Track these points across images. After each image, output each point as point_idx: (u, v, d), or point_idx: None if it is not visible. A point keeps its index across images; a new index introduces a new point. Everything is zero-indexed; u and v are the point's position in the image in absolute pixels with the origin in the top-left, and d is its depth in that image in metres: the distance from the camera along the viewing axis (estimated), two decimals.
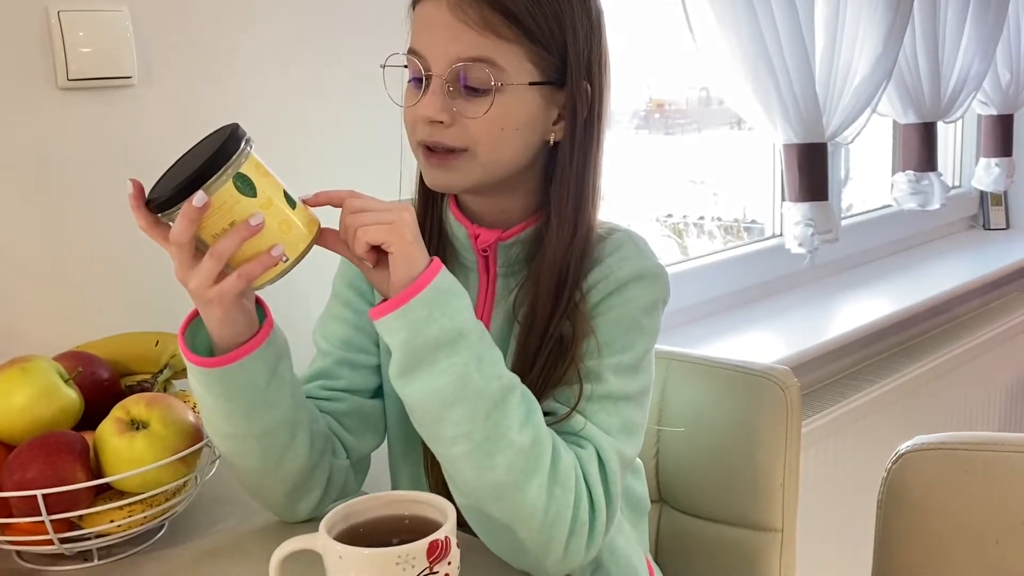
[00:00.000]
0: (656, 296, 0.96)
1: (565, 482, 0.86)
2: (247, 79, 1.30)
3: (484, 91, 0.90)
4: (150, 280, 1.24)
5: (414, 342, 0.82)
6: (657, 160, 2.43)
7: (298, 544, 0.76)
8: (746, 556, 1.20)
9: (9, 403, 0.93)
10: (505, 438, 0.83)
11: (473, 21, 0.88)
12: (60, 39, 1.13)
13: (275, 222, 0.82)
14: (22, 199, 1.14)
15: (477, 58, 0.90)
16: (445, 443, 0.85)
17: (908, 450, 1.01)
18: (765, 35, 1.85)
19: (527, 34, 0.90)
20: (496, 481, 0.84)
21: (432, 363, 0.82)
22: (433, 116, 0.90)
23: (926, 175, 2.51)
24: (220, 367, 0.87)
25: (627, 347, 0.94)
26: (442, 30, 0.89)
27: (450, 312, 0.83)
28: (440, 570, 0.74)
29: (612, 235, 0.98)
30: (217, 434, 0.92)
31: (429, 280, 0.82)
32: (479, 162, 0.93)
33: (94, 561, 0.94)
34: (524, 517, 0.84)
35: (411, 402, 0.85)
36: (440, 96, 0.90)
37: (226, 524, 1.01)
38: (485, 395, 0.83)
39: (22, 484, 0.87)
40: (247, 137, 0.83)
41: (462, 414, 0.83)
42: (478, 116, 0.90)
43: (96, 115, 1.18)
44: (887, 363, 2.29)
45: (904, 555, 1.02)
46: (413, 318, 0.82)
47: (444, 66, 0.90)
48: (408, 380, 0.84)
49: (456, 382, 0.82)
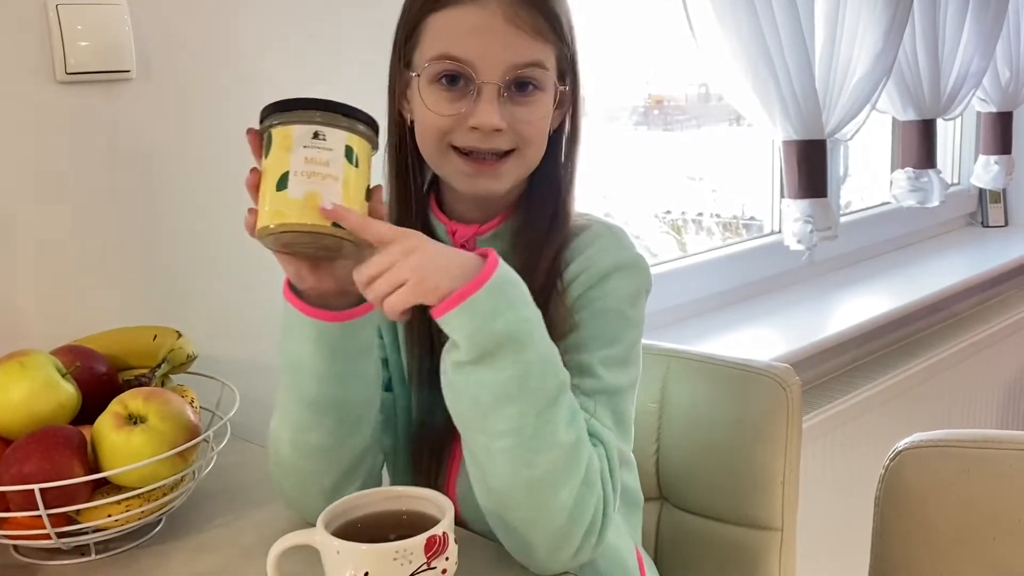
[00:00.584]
0: (639, 286, 0.97)
1: (593, 484, 0.86)
2: (246, 73, 1.30)
3: (533, 92, 0.92)
4: (148, 275, 1.25)
5: (479, 336, 0.80)
6: (656, 156, 2.43)
7: (296, 539, 0.76)
8: (746, 554, 1.20)
9: (7, 397, 0.93)
10: (552, 437, 0.83)
11: (527, 26, 0.89)
12: (59, 32, 1.13)
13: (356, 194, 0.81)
14: (20, 193, 1.14)
15: (532, 63, 0.91)
16: (490, 435, 0.83)
17: (906, 448, 1.01)
18: (765, 31, 1.85)
19: (560, 36, 0.92)
20: (532, 479, 0.83)
21: (497, 357, 0.81)
22: (496, 125, 0.90)
23: (925, 172, 2.51)
24: (341, 321, 0.86)
25: (615, 340, 0.94)
26: (496, 37, 0.89)
27: (517, 304, 0.82)
28: (438, 565, 0.74)
29: (590, 227, 0.98)
30: (301, 401, 0.90)
31: (491, 272, 0.81)
32: (524, 162, 0.94)
33: (91, 556, 0.94)
34: (551, 515, 0.84)
35: (464, 392, 0.83)
36: (497, 104, 0.90)
37: (223, 519, 1.01)
38: (542, 393, 0.82)
39: (20, 478, 0.87)
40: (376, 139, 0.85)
41: (516, 410, 0.82)
42: (532, 119, 0.92)
43: (95, 109, 1.17)
44: (885, 360, 2.29)
45: (902, 552, 1.02)
46: (479, 311, 0.80)
47: (499, 73, 0.90)
48: (468, 370, 0.82)
49: (518, 379, 0.81)
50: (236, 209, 1.29)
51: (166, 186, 1.25)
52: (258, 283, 1.33)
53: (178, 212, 1.26)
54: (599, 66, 2.04)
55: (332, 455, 0.93)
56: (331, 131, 0.80)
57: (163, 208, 1.25)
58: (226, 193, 1.30)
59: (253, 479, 1.10)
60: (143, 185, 1.23)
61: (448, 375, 0.85)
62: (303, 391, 0.90)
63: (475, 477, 0.88)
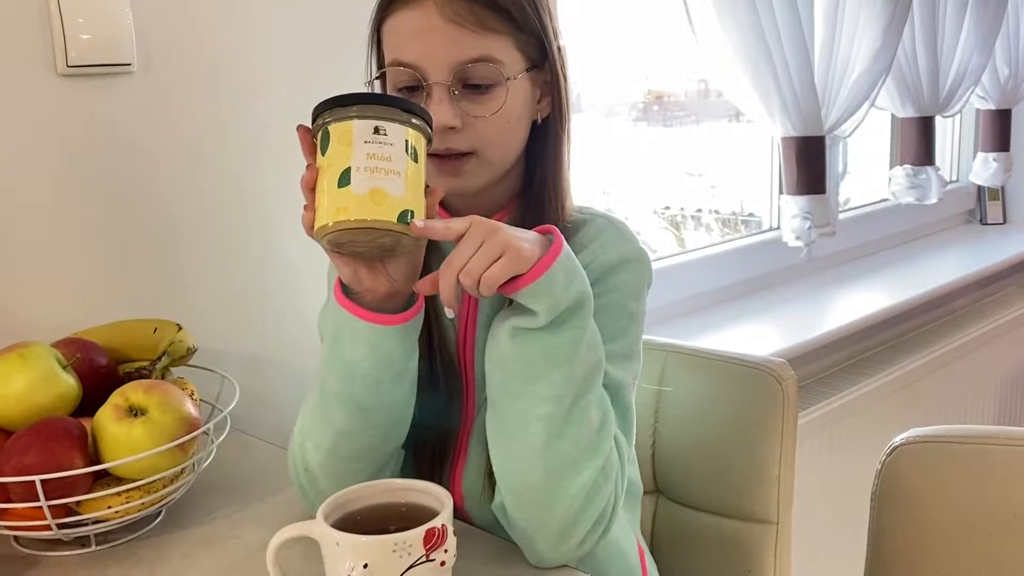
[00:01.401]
0: (642, 280, 0.98)
1: (610, 472, 0.87)
2: (246, 67, 1.30)
3: (487, 89, 0.91)
4: (148, 268, 1.25)
5: (558, 307, 0.82)
6: (655, 152, 2.44)
7: (295, 531, 0.76)
8: (742, 547, 1.20)
9: (8, 389, 0.93)
10: (585, 411, 0.85)
11: (468, 21, 0.89)
12: (60, 25, 1.13)
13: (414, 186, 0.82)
14: (21, 185, 1.14)
15: (479, 58, 0.90)
16: (531, 401, 0.84)
17: (902, 443, 1.02)
18: (764, 28, 1.85)
19: (514, 24, 0.91)
20: (560, 453, 0.84)
21: (564, 322, 0.83)
22: (449, 123, 0.90)
23: (924, 169, 2.52)
24: (401, 324, 0.86)
25: (619, 334, 0.95)
26: (436, 36, 0.89)
27: (580, 274, 0.85)
28: (436, 557, 0.74)
29: (593, 221, 0.98)
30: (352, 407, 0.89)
31: (560, 248, 0.83)
32: (488, 162, 0.94)
33: (91, 547, 0.94)
34: (568, 496, 0.85)
35: (518, 355, 0.84)
36: (448, 102, 0.90)
37: (223, 511, 1.02)
38: (587, 363, 0.85)
39: (21, 469, 0.88)
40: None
41: (562, 377, 0.84)
42: (488, 115, 0.91)
43: (96, 102, 1.18)
44: (883, 356, 2.30)
45: (898, 546, 1.02)
46: (555, 282, 0.82)
47: (446, 72, 0.90)
48: (530, 336, 0.83)
49: (571, 345, 0.84)
50: (236, 202, 1.31)
51: (166, 179, 1.25)
52: (258, 277, 1.35)
53: (178, 205, 1.27)
54: (599, 62, 2.04)
55: (375, 454, 0.93)
56: (391, 126, 0.80)
57: (163, 201, 1.25)
58: (226, 187, 1.31)
59: (252, 472, 1.11)
60: (144, 178, 1.23)
61: (502, 343, 0.85)
62: (355, 396, 0.89)
63: (501, 455, 0.88)
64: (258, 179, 1.32)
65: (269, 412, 1.19)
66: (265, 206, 1.33)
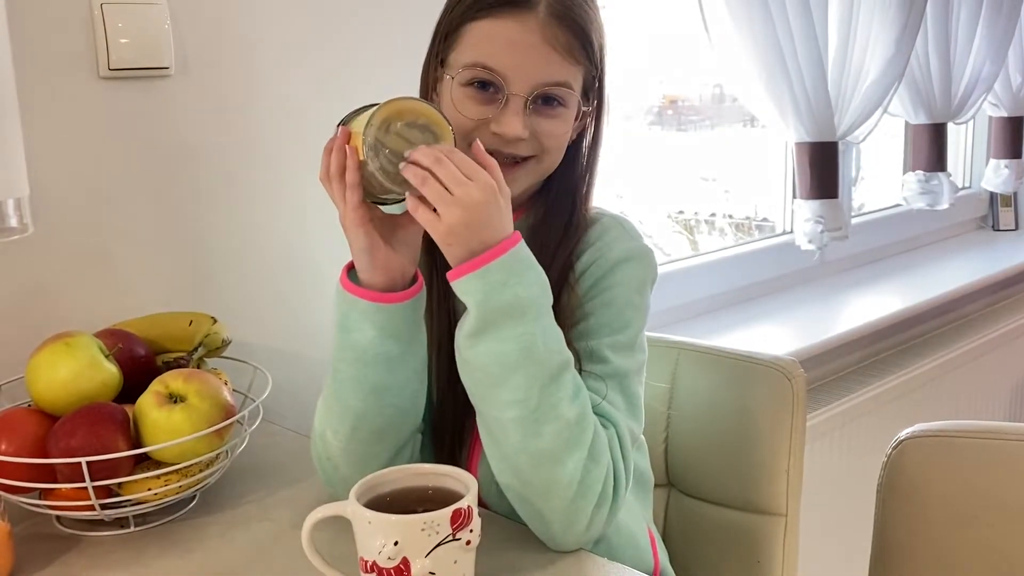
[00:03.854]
0: (645, 275, 1.02)
1: (600, 458, 0.91)
2: (279, 70, 1.34)
3: (557, 109, 0.97)
4: (185, 263, 1.29)
5: (488, 304, 0.86)
6: (670, 156, 2.46)
7: (329, 510, 0.80)
8: (751, 539, 1.24)
9: (54, 376, 0.98)
10: (556, 409, 0.88)
11: (561, 46, 0.94)
12: (103, 30, 1.17)
13: None
14: (65, 184, 1.18)
15: (560, 83, 0.96)
16: (498, 407, 0.89)
17: (908, 437, 1.05)
18: (779, 35, 1.88)
19: (590, 60, 0.98)
20: (540, 449, 0.88)
21: (501, 328, 0.86)
22: (519, 135, 0.95)
23: (936, 175, 2.54)
24: (405, 301, 0.91)
25: (624, 326, 0.99)
26: (529, 52, 0.94)
27: (525, 282, 0.87)
28: (463, 537, 0.78)
29: (600, 219, 1.03)
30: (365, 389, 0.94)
31: (509, 247, 0.86)
32: (540, 169, 1.00)
33: (130, 528, 0.98)
34: (561, 487, 0.89)
35: (475, 364, 0.89)
36: (522, 115, 0.95)
37: (255, 495, 1.06)
38: (545, 366, 0.88)
39: (68, 451, 0.92)
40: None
41: (521, 380, 0.87)
42: (553, 132, 0.98)
43: (135, 104, 1.22)
44: (894, 360, 2.32)
45: (902, 538, 1.06)
46: (491, 280, 0.85)
47: (528, 87, 0.95)
48: (476, 341, 0.88)
49: (522, 350, 0.87)
50: (268, 203, 1.35)
51: (203, 178, 1.29)
52: (291, 273, 1.39)
53: (214, 204, 1.31)
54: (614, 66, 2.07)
55: (390, 436, 0.97)
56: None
57: (199, 200, 1.30)
58: (260, 185, 1.35)
59: (281, 459, 1.15)
60: (181, 177, 1.28)
61: (461, 352, 0.90)
62: (368, 379, 0.94)
63: (491, 454, 0.93)
64: (290, 179, 1.36)
65: (297, 403, 1.23)
66: (297, 207, 1.38)
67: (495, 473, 0.93)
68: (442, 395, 1.04)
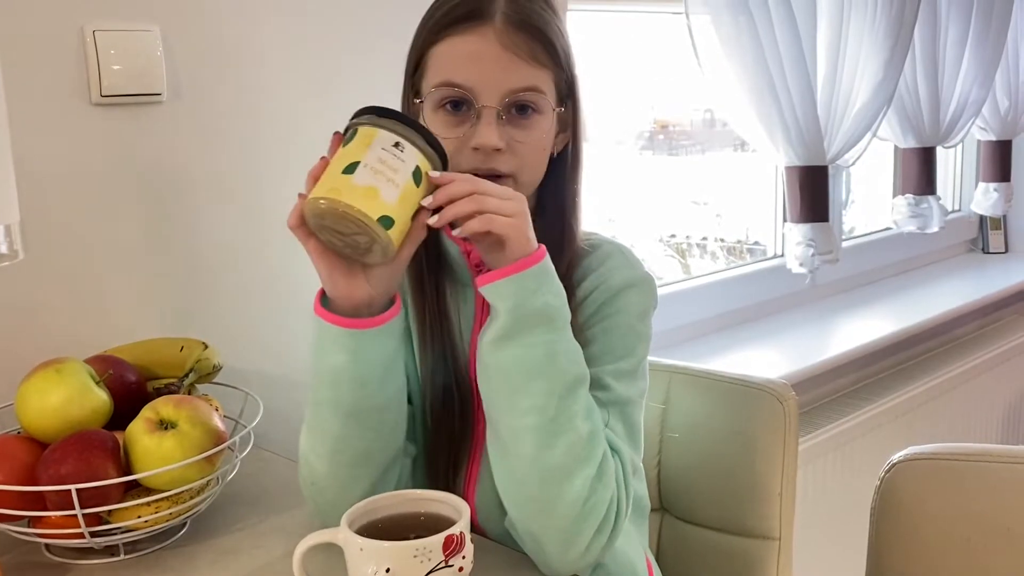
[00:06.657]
0: (647, 303, 1.03)
1: (607, 481, 0.91)
2: (271, 97, 1.35)
3: (531, 117, 0.97)
4: (176, 289, 1.29)
5: (520, 309, 0.87)
6: (661, 180, 2.47)
7: (321, 537, 0.80)
8: (745, 562, 1.23)
9: (45, 402, 0.97)
10: (571, 422, 0.88)
11: (523, 52, 0.95)
12: (94, 57, 1.18)
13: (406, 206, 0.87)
14: (56, 211, 1.18)
15: (528, 88, 0.96)
16: (516, 414, 0.89)
17: (901, 460, 1.05)
18: (768, 60, 1.90)
19: (556, 61, 0.97)
20: (551, 464, 0.88)
21: (529, 333, 0.88)
22: (496, 144, 0.95)
23: (925, 199, 2.55)
24: (376, 326, 0.91)
25: (627, 353, 0.99)
26: (492, 63, 0.94)
27: (553, 291, 0.89)
28: (455, 563, 0.78)
29: (601, 247, 1.04)
30: (342, 413, 0.93)
31: (542, 257, 0.88)
32: (521, 185, 0.99)
33: (120, 556, 0.98)
34: (566, 504, 0.88)
35: (497, 369, 0.90)
36: (495, 125, 0.95)
37: (245, 523, 1.05)
38: (565, 376, 0.89)
39: (58, 478, 0.91)
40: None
41: (542, 387, 0.88)
42: (529, 140, 0.97)
43: (127, 130, 1.22)
44: (886, 382, 2.32)
45: (895, 561, 1.05)
46: (525, 286, 0.87)
47: (497, 97, 0.95)
48: (502, 345, 0.88)
49: (546, 356, 0.88)
50: (259, 228, 1.35)
51: (194, 205, 1.30)
52: (282, 298, 1.39)
53: (205, 230, 1.31)
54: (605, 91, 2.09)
55: (372, 459, 0.97)
56: (411, 147, 0.86)
57: (190, 226, 1.30)
58: (251, 212, 1.35)
59: (272, 486, 1.15)
60: (172, 203, 1.28)
61: (484, 357, 0.90)
62: (344, 403, 0.93)
63: (499, 471, 0.92)
64: (281, 206, 1.36)
65: (289, 429, 1.22)
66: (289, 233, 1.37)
67: (500, 492, 0.93)
68: (436, 421, 1.04)
